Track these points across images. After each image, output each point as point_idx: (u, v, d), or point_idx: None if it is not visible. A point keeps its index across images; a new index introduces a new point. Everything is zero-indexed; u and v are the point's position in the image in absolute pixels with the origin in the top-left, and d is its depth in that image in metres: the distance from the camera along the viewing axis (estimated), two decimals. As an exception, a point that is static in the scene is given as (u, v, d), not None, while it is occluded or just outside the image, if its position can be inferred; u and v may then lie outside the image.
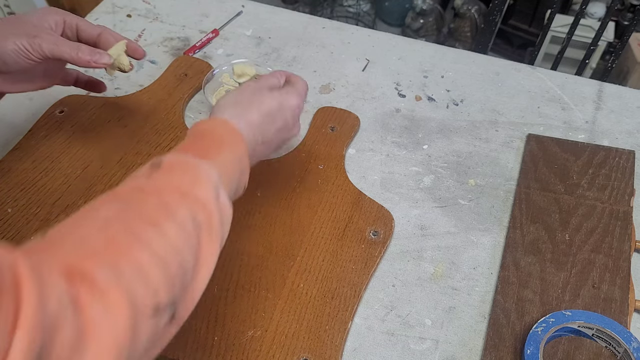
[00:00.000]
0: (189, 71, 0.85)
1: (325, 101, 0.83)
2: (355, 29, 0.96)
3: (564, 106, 0.83)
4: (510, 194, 0.71)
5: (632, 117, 0.81)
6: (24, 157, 0.72)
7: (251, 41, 0.93)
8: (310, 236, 0.66)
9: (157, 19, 0.96)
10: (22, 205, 0.68)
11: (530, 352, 0.54)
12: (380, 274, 0.64)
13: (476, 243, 0.67)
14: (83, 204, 0.68)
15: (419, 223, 0.69)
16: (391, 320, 0.60)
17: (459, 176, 0.74)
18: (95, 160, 0.72)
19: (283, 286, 0.62)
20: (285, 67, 0.88)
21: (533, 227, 0.67)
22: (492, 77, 0.87)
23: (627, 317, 0.59)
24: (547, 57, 1.78)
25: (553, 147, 0.75)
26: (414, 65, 0.89)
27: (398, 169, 0.74)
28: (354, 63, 0.89)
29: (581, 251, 0.64)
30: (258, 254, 0.65)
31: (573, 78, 0.87)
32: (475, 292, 0.63)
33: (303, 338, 0.58)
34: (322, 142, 0.76)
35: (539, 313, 0.59)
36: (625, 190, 0.70)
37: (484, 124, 0.80)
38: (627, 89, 0.85)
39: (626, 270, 0.62)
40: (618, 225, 0.66)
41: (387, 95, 0.84)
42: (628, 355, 0.54)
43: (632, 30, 1.32)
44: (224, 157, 0.48)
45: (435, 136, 0.78)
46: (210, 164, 0.45)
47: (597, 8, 1.72)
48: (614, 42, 1.74)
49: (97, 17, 0.96)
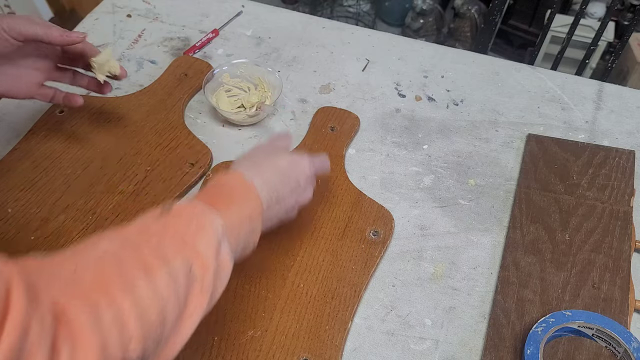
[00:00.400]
0: (189, 71, 0.85)
1: (325, 101, 0.83)
2: (355, 29, 0.96)
3: (564, 106, 0.83)
4: (510, 194, 0.71)
5: (632, 117, 0.81)
6: (24, 157, 0.72)
7: (251, 41, 0.93)
8: (310, 236, 0.66)
9: (157, 19, 0.96)
10: (22, 205, 0.68)
11: (530, 352, 0.54)
12: (380, 274, 0.64)
13: (476, 243, 0.67)
14: (83, 204, 0.68)
15: (419, 223, 0.69)
16: (391, 320, 0.60)
17: (459, 176, 0.74)
18: (95, 160, 0.72)
19: (283, 286, 0.62)
20: (285, 67, 0.88)
21: (533, 227, 0.67)
22: (492, 77, 0.87)
23: (627, 317, 0.59)
24: (547, 57, 1.78)
25: (553, 147, 0.75)
26: (414, 65, 0.89)
27: (398, 169, 0.74)
28: (354, 63, 0.89)
29: (581, 251, 0.64)
30: (258, 253, 0.64)
31: (573, 78, 0.87)
32: (475, 292, 0.63)
33: (303, 338, 0.58)
34: (322, 142, 0.76)
35: (539, 313, 0.59)
36: (625, 190, 0.70)
37: (484, 124, 0.80)
38: (627, 89, 0.85)
39: (626, 270, 0.62)
40: (618, 225, 0.66)
41: (387, 95, 0.84)
42: (628, 355, 0.54)
43: (632, 30, 1.32)
44: (233, 211, 0.48)
45: (435, 136, 0.78)
46: (218, 214, 0.45)
47: (597, 8, 1.72)
48: (614, 42, 1.74)
49: (97, 17, 0.96)
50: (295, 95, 0.84)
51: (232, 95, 0.81)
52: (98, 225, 0.66)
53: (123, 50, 0.90)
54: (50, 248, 0.64)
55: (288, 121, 0.80)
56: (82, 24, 0.95)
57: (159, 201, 0.68)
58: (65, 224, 0.66)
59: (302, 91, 0.85)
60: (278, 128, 0.80)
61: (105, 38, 0.92)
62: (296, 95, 0.84)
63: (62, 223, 0.66)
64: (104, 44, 0.90)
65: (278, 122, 0.80)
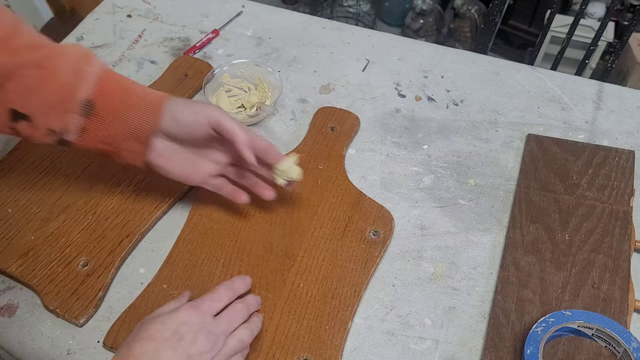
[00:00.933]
0: (189, 71, 0.85)
1: (325, 101, 0.83)
2: (355, 29, 0.96)
3: (563, 106, 0.83)
4: (510, 194, 0.72)
5: (632, 117, 0.81)
6: (24, 157, 0.73)
7: (251, 41, 0.93)
8: (310, 236, 0.66)
9: (157, 19, 0.96)
10: (23, 205, 0.68)
11: (530, 352, 0.54)
12: (380, 274, 0.64)
13: (476, 243, 0.67)
14: (83, 204, 0.68)
15: (419, 223, 0.69)
16: (391, 320, 0.60)
17: (459, 176, 0.74)
18: (96, 160, 0.72)
19: (283, 286, 0.62)
20: (286, 67, 0.88)
21: (533, 227, 0.67)
22: (492, 77, 0.87)
23: (627, 317, 0.59)
24: (547, 57, 1.79)
25: (553, 147, 0.75)
26: (414, 65, 0.89)
27: (398, 169, 0.74)
28: (354, 63, 0.89)
29: (581, 251, 0.64)
30: (258, 254, 0.65)
31: (573, 78, 0.87)
32: (475, 292, 0.63)
33: (303, 338, 0.58)
34: (322, 142, 0.76)
35: (538, 313, 0.59)
36: (625, 190, 0.70)
37: (484, 124, 0.80)
38: (627, 89, 0.85)
39: (626, 270, 0.62)
40: (618, 225, 0.66)
41: (387, 95, 0.84)
42: (628, 355, 0.54)
43: (632, 30, 1.32)
44: None
45: (435, 136, 0.78)
46: None
47: (597, 8, 1.72)
48: (613, 42, 1.74)
49: (97, 17, 0.96)
50: (295, 95, 0.84)
51: (232, 95, 0.82)
52: (98, 225, 0.66)
53: (123, 51, 0.90)
54: (50, 248, 0.64)
55: (288, 121, 0.80)
56: (82, 24, 0.95)
57: (159, 201, 0.69)
58: (65, 224, 0.66)
59: (302, 91, 0.85)
60: (278, 128, 0.80)
61: (105, 38, 0.92)
62: (296, 96, 0.84)
63: (62, 223, 0.66)
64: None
65: (278, 122, 0.80)
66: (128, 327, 0.58)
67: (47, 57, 0.53)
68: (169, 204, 0.69)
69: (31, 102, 0.52)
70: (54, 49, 0.54)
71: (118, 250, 0.64)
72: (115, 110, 0.55)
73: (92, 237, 0.65)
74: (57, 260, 0.63)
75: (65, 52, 0.54)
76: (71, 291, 0.60)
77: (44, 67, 0.52)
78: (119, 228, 0.66)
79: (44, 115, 0.53)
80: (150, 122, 0.56)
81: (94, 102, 0.54)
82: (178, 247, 0.65)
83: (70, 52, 0.54)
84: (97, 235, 0.65)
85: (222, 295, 0.54)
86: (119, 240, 0.65)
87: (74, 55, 0.54)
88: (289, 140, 0.78)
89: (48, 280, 0.61)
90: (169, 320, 0.49)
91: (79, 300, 0.60)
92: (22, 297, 0.62)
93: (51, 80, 0.52)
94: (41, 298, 0.60)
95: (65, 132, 0.55)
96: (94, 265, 0.63)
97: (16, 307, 0.61)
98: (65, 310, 0.59)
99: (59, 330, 0.59)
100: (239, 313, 0.54)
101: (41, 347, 0.58)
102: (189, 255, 0.64)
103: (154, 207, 0.68)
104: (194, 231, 0.66)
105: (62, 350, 0.58)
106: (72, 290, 0.60)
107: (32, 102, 0.52)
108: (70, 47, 0.55)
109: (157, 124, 0.56)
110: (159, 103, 0.56)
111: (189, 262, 0.64)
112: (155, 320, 0.50)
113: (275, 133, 0.79)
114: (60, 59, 0.53)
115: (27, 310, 0.61)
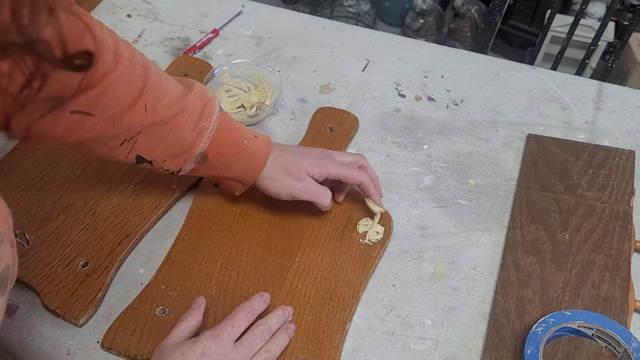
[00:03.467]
0: (189, 71, 0.85)
1: (325, 101, 0.83)
2: (355, 29, 0.96)
3: (563, 106, 0.83)
4: (510, 194, 0.71)
5: (632, 117, 0.81)
6: (24, 157, 0.72)
7: (251, 41, 0.93)
8: (308, 237, 0.66)
9: (157, 19, 0.96)
10: (23, 205, 0.68)
11: (530, 352, 0.54)
12: (380, 274, 0.64)
13: (476, 243, 0.67)
14: (83, 204, 0.68)
15: (419, 223, 0.69)
16: (391, 320, 0.60)
17: (459, 176, 0.74)
18: (95, 160, 0.72)
19: (281, 287, 0.62)
20: (286, 67, 0.88)
21: (533, 227, 0.67)
22: (492, 77, 0.87)
23: (627, 317, 0.59)
24: (547, 57, 1.78)
25: (553, 147, 0.75)
26: (414, 65, 0.89)
27: (398, 169, 0.74)
28: (354, 63, 0.89)
29: (581, 251, 0.64)
30: (256, 254, 0.64)
31: (573, 78, 0.87)
32: (475, 292, 0.63)
33: (301, 339, 0.58)
34: (321, 143, 0.76)
35: (539, 313, 0.59)
36: (625, 190, 0.70)
37: (484, 124, 0.80)
38: (627, 89, 0.85)
39: (626, 270, 0.62)
40: (618, 225, 0.66)
41: (387, 95, 0.84)
42: (628, 355, 0.54)
43: (632, 30, 1.32)
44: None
45: (435, 136, 0.78)
46: None
47: (597, 8, 1.72)
48: (614, 42, 1.73)
49: (97, 17, 0.96)
50: (295, 95, 0.84)
51: (232, 95, 0.82)
52: (98, 226, 0.66)
53: (123, 51, 0.90)
54: (50, 248, 0.64)
55: (288, 121, 0.80)
56: (82, 24, 0.95)
57: (159, 201, 0.69)
58: (65, 224, 0.66)
59: (302, 91, 0.85)
60: (278, 128, 0.80)
61: (105, 38, 0.92)
62: (296, 95, 0.84)
63: (62, 223, 0.66)
64: None
65: (278, 122, 0.80)
66: (126, 328, 0.58)
67: (176, 114, 0.57)
68: (168, 204, 0.69)
69: (156, 152, 0.58)
70: (182, 103, 0.58)
71: (118, 251, 0.64)
72: (225, 161, 0.61)
73: (92, 237, 0.65)
74: (57, 261, 0.63)
75: (191, 106, 0.58)
76: (71, 291, 0.60)
77: (171, 124, 0.57)
78: (118, 228, 0.66)
79: (165, 161, 0.59)
80: (253, 174, 0.62)
81: (207, 154, 0.60)
82: (176, 248, 0.65)
83: (195, 106, 0.59)
84: (97, 235, 0.65)
85: (240, 319, 0.55)
86: (119, 241, 0.65)
87: (198, 109, 0.59)
88: (288, 141, 0.78)
89: (48, 280, 0.61)
90: (190, 352, 0.50)
91: (79, 301, 0.60)
92: (22, 297, 0.62)
93: (176, 136, 0.58)
94: (41, 298, 0.60)
95: (178, 172, 0.61)
96: (93, 265, 0.63)
97: (16, 307, 0.61)
98: (65, 311, 0.59)
99: (58, 331, 0.59)
100: (259, 337, 0.54)
101: (41, 347, 0.58)
102: (188, 255, 0.64)
103: (154, 207, 0.68)
104: (193, 232, 0.66)
105: (61, 350, 0.58)
106: (72, 291, 0.60)
107: (157, 152, 0.58)
108: (197, 96, 0.59)
109: (258, 175, 0.62)
110: (262, 159, 0.62)
111: (187, 263, 0.64)
112: (175, 352, 0.50)
113: (275, 133, 0.79)
114: (185, 116, 0.58)
115: (27, 310, 0.61)
